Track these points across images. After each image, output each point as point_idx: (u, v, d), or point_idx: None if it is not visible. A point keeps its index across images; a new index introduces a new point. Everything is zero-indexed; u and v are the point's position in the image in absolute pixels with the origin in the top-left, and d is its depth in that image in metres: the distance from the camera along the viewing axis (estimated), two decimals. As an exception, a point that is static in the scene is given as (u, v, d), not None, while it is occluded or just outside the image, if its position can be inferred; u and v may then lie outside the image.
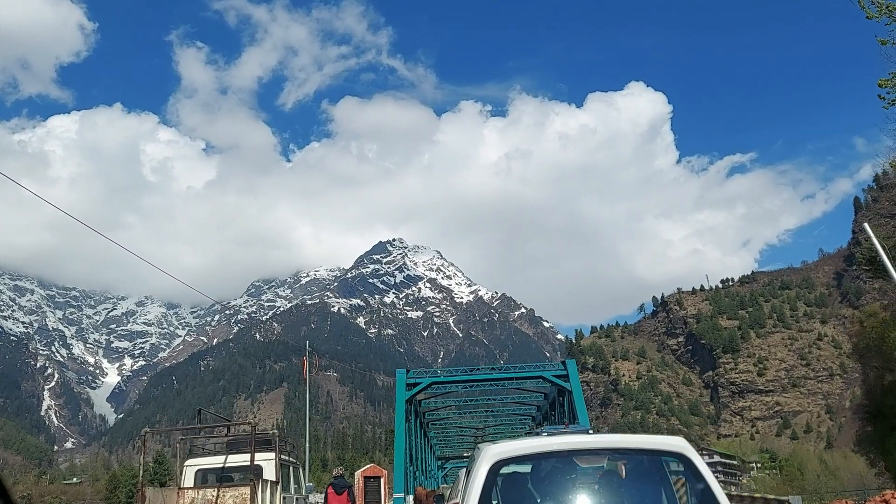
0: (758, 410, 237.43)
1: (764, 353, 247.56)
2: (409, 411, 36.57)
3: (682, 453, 5.41)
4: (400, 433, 32.57)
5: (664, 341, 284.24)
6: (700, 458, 5.47)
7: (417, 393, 35.23)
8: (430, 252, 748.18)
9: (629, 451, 5.68)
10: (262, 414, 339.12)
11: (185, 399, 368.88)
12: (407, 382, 34.63)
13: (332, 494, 17.00)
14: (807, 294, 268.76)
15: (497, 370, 38.38)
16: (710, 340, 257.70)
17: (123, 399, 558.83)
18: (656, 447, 5.64)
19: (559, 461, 5.52)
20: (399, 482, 30.16)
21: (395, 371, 36.52)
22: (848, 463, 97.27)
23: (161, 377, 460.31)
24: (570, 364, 35.48)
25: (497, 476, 5.27)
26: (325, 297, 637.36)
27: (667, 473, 5.56)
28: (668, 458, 5.55)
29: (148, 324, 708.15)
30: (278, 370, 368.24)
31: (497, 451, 5.33)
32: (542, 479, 5.45)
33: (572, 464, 5.44)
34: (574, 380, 33.95)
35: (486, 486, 5.13)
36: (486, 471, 5.23)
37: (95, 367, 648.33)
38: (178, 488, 17.58)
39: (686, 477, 5.32)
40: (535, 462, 5.51)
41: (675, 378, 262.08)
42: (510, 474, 5.52)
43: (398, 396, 34.46)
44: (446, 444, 61.70)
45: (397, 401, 34.34)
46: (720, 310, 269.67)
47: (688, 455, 5.38)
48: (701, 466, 5.33)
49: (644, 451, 5.68)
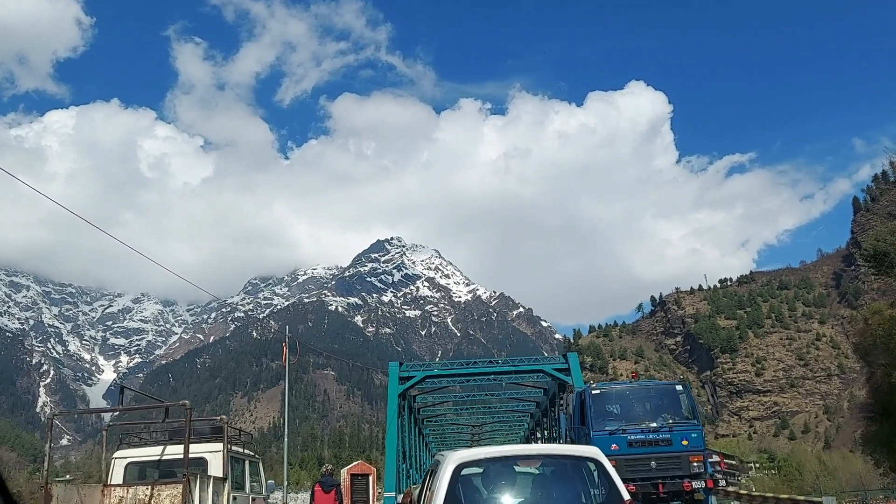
0: (756, 410, 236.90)
1: (762, 353, 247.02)
2: (402, 406, 35.35)
3: (596, 458, 7.16)
4: (392, 429, 31.34)
5: (662, 341, 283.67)
6: (610, 463, 7.20)
7: (411, 387, 33.83)
8: (428, 251, 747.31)
9: (556, 456, 7.54)
10: (259, 412, 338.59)
11: (180, 396, 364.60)
12: (400, 376, 33.16)
13: (320, 493, 16.26)
14: (805, 294, 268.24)
15: (495, 363, 36.82)
16: (708, 340, 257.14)
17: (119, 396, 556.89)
18: (577, 454, 7.50)
19: (503, 465, 7.21)
20: (391, 481, 28.83)
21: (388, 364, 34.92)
22: (847, 463, 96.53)
23: (157, 374, 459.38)
24: (572, 357, 33.97)
25: (458, 476, 6.90)
26: (322, 295, 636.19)
27: (585, 475, 7.21)
28: (587, 462, 7.26)
29: (144, 321, 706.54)
30: (275, 368, 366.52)
31: (458, 456, 7.08)
32: (491, 479, 7.08)
33: (511, 467, 7.17)
34: (576, 374, 32.42)
35: (451, 485, 6.81)
36: (451, 472, 6.88)
37: (91, 363, 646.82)
38: (102, 485, 14.39)
39: (599, 477, 7.03)
40: (485, 465, 7.16)
41: (673, 378, 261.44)
42: (466, 476, 7.08)
43: (390, 390, 32.94)
44: (443, 442, 59.73)
45: (389, 395, 32.83)
46: (718, 309, 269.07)
47: (600, 460, 7.13)
48: (610, 469, 7.05)
49: (568, 457, 7.50)
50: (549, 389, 40.45)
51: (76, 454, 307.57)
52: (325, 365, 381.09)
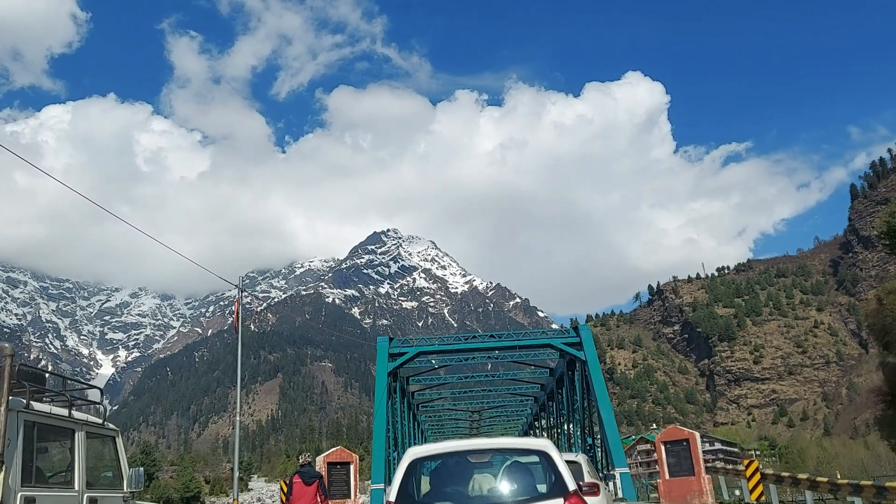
0: (754, 398, 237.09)
1: (760, 341, 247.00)
2: (393, 388, 32.25)
3: (544, 451, 7.45)
4: (381, 413, 27.58)
5: (660, 329, 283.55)
6: (558, 454, 7.43)
7: (402, 364, 30.45)
8: (424, 242, 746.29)
9: (506, 450, 7.71)
10: (258, 404, 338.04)
11: (179, 390, 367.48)
12: (390, 352, 29.83)
13: (300, 486, 14.31)
14: (803, 282, 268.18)
15: (496, 338, 32.76)
16: (705, 329, 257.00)
17: (118, 391, 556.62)
18: (526, 447, 7.73)
19: (458, 458, 7.57)
20: (379, 470, 25.33)
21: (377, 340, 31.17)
22: (848, 450, 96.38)
23: (155, 369, 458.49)
24: (584, 330, 30.00)
25: (413, 470, 7.39)
26: (319, 287, 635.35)
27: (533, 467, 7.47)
28: (535, 454, 7.46)
29: (142, 315, 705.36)
30: (273, 361, 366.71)
31: (413, 451, 7.58)
32: (447, 471, 7.53)
33: (466, 460, 7.54)
34: (589, 348, 28.98)
35: (404, 477, 7.30)
36: (405, 466, 7.38)
37: (89, 358, 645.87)
38: None
39: (544, 467, 7.34)
40: (441, 459, 7.63)
41: (671, 366, 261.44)
42: (422, 468, 7.56)
43: (379, 368, 29.39)
44: (440, 432, 56.92)
45: (378, 373, 29.22)
46: (716, 298, 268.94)
47: (548, 451, 7.40)
48: (557, 461, 7.30)
49: (517, 451, 7.68)
50: (557, 369, 36.87)
51: None
52: (322, 357, 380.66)
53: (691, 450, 23.79)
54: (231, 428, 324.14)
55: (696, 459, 23.64)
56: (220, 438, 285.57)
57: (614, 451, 24.90)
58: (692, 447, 23.86)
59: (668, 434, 25.10)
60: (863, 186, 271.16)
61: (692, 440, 24.14)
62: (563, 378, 34.33)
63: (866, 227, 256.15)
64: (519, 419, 54.67)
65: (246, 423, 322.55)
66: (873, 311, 31.64)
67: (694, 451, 23.79)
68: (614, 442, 25.54)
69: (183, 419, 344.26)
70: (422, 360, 33.92)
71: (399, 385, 33.65)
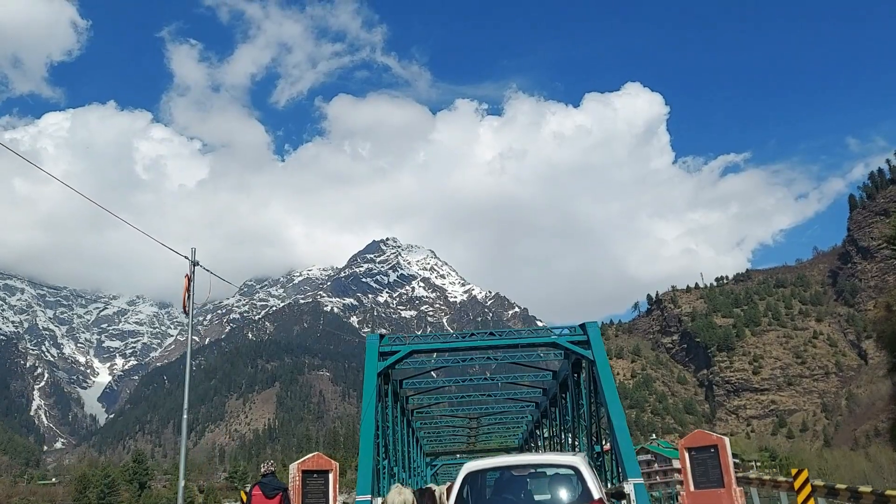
0: (753, 409, 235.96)
1: (759, 352, 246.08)
2: (384, 391, 29.61)
3: (575, 466, 9.19)
4: (369, 417, 25.11)
5: (658, 339, 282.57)
6: (587, 468, 9.22)
7: (394, 364, 27.96)
8: (423, 251, 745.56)
9: (545, 465, 9.67)
10: (254, 413, 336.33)
11: (176, 399, 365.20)
12: (380, 351, 27.32)
13: (259, 498, 12.26)
14: (802, 292, 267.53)
15: (497, 336, 30.12)
16: (704, 339, 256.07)
17: (115, 399, 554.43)
18: (560, 462, 9.54)
19: (505, 472, 9.56)
20: (365, 480, 22.84)
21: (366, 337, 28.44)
22: (849, 461, 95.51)
23: (152, 377, 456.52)
24: (592, 327, 27.36)
25: (467, 481, 9.35)
26: (318, 296, 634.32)
27: (566, 479, 9.25)
28: (567, 468, 9.31)
29: (140, 323, 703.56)
30: (270, 370, 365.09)
31: (468, 466, 9.50)
32: (495, 482, 9.45)
33: (511, 474, 9.51)
34: (598, 346, 26.59)
35: (460, 488, 9.27)
36: (462, 478, 9.38)
37: (86, 366, 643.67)
38: None
39: (575, 479, 9.06)
40: (491, 473, 9.56)
41: (670, 376, 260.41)
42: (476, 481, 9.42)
43: (367, 369, 26.85)
44: (437, 438, 54.99)
45: (366, 374, 26.69)
46: (715, 308, 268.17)
47: (579, 468, 9.13)
48: (586, 475, 9.04)
49: (554, 465, 9.57)
50: (560, 371, 34.24)
51: (70, 457, 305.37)
52: (320, 366, 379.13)
53: (720, 457, 20.70)
54: (229, 438, 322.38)
55: (726, 469, 20.58)
56: (217, 447, 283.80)
57: (626, 459, 22.50)
58: (721, 454, 20.77)
59: (692, 439, 21.94)
60: (861, 197, 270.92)
61: (721, 446, 21.10)
62: (568, 381, 32.05)
63: (865, 238, 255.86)
64: (519, 427, 52.32)
65: (242, 432, 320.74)
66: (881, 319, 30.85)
67: (723, 460, 20.65)
68: (626, 449, 23.22)
69: (179, 428, 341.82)
70: (416, 363, 32.11)
71: (391, 388, 31.12)
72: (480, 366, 35.19)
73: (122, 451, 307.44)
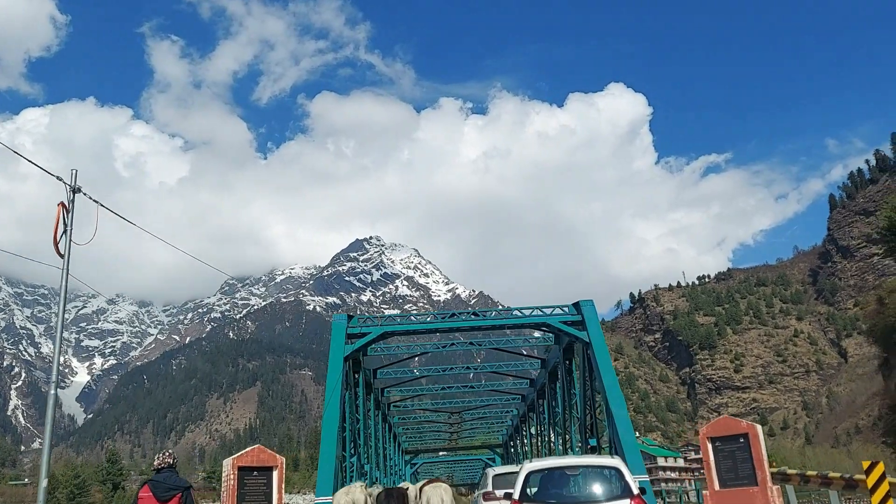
0: (734, 407, 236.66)
1: (740, 350, 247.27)
2: (355, 380, 26.31)
3: (616, 467, 11.36)
4: (333, 408, 21.70)
5: (641, 338, 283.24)
6: (626, 468, 11.42)
7: (364, 347, 24.90)
8: (407, 250, 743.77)
9: (592, 465, 11.83)
10: (235, 413, 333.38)
11: (155, 398, 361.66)
12: (348, 333, 24.17)
13: (149, 501, 9.13)
14: (782, 291, 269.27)
15: (479, 316, 26.58)
16: (686, 337, 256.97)
17: (93, 399, 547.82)
18: (605, 464, 11.70)
19: (559, 470, 11.68)
20: (326, 479, 19.60)
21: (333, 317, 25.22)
22: (831, 459, 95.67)
23: (132, 376, 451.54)
24: (587, 306, 24.67)
25: (528, 478, 11.33)
26: (300, 295, 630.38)
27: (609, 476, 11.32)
28: (610, 468, 11.45)
29: (119, 322, 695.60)
30: (252, 369, 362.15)
31: (529, 466, 11.63)
32: (548, 480, 11.43)
33: (564, 472, 11.60)
34: (594, 327, 23.95)
35: (524, 484, 11.19)
36: (524, 475, 11.34)
37: (64, 366, 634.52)
38: None
39: (617, 479, 11.10)
40: (545, 471, 11.59)
41: (653, 374, 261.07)
42: (534, 478, 11.41)
43: (333, 352, 23.54)
44: (416, 434, 52.33)
45: (331, 358, 23.32)
46: (697, 306, 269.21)
47: (619, 467, 11.30)
48: (626, 473, 11.19)
49: (600, 466, 11.76)
50: (550, 359, 31.30)
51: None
52: (302, 365, 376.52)
53: (752, 449, 16.73)
54: (209, 437, 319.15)
55: (759, 462, 16.62)
56: (197, 448, 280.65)
57: (629, 454, 19.58)
58: (753, 445, 16.77)
59: (717, 427, 17.81)
60: (841, 197, 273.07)
61: (753, 435, 16.99)
62: (559, 369, 29.10)
63: (845, 237, 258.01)
64: (504, 422, 49.65)
65: (223, 432, 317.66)
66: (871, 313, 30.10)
67: (756, 451, 16.71)
68: (628, 443, 20.30)
69: (159, 428, 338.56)
70: (391, 348, 30.05)
71: (363, 377, 28.07)
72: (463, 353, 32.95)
73: (100, 452, 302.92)
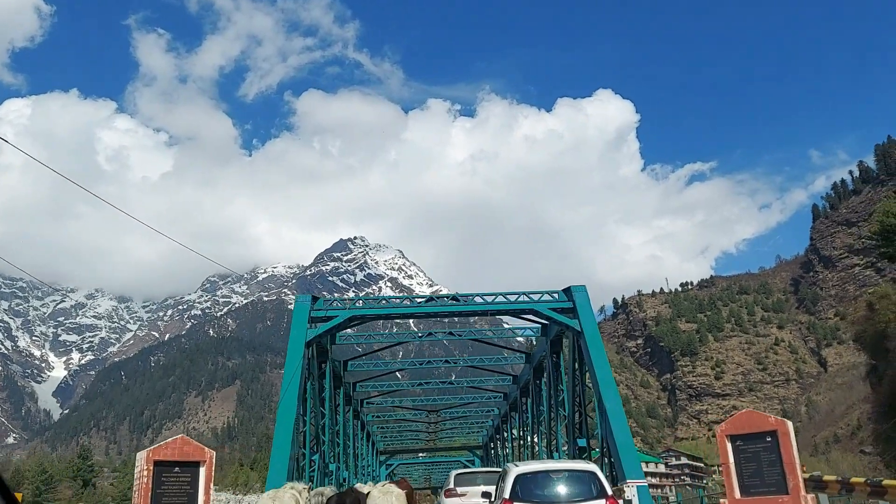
0: (714, 414, 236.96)
1: (721, 357, 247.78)
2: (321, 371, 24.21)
3: (593, 471, 13.04)
4: (291, 397, 19.55)
5: (623, 343, 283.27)
6: (601, 472, 13.18)
7: (329, 332, 22.75)
8: (391, 251, 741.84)
9: (572, 470, 13.34)
10: (214, 411, 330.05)
11: (133, 395, 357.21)
12: (311, 316, 22.11)
13: None
14: (764, 299, 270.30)
15: (460, 301, 24.13)
16: (668, 343, 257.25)
17: (70, 394, 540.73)
18: (583, 468, 13.32)
19: (543, 474, 13.08)
20: (278, 477, 17.33)
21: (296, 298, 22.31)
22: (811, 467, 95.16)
23: (109, 372, 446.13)
24: (579, 292, 22.38)
25: (517, 480, 12.64)
26: (282, 293, 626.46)
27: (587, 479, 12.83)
28: (587, 472, 13.01)
29: (98, 317, 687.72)
30: (231, 367, 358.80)
31: (517, 470, 12.95)
32: (536, 482, 12.81)
33: (548, 475, 13.00)
34: (586, 315, 21.82)
35: (513, 486, 12.47)
36: (513, 478, 12.66)
37: (41, 360, 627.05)
38: None
39: (593, 481, 12.71)
40: (533, 474, 13.01)
41: (633, 380, 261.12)
42: (523, 480, 12.75)
43: (293, 336, 21.40)
44: (393, 433, 50.48)
45: (291, 342, 21.10)
46: (679, 313, 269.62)
47: (595, 472, 12.99)
48: (601, 476, 12.90)
49: (578, 470, 13.27)
50: (535, 354, 29.24)
51: (21, 453, 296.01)
52: (283, 364, 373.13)
53: (781, 449, 14.03)
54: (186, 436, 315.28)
55: (791, 466, 13.91)
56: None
57: (624, 454, 17.88)
58: (783, 445, 14.05)
59: (739, 422, 14.91)
60: (824, 207, 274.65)
61: (783, 432, 14.22)
62: (545, 363, 27.14)
63: (827, 247, 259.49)
64: (485, 422, 48.36)
65: (201, 430, 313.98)
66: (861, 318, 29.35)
67: (786, 453, 14.03)
68: (624, 442, 18.63)
69: (136, 425, 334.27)
70: (363, 338, 28.85)
71: (330, 368, 25.96)
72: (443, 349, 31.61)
73: (75, 448, 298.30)
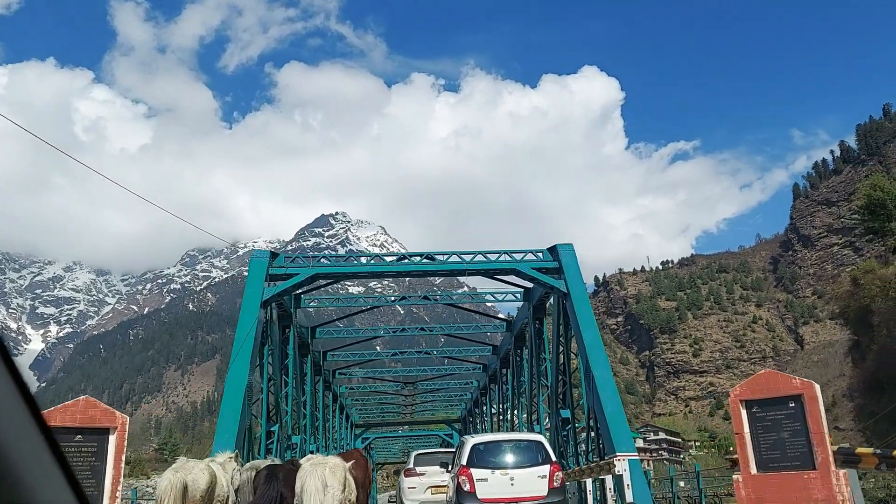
0: (692, 390, 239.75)
1: (700, 335, 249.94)
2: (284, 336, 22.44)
3: (539, 441, 14.42)
4: (243, 361, 17.08)
5: (604, 321, 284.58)
6: (546, 441, 14.59)
7: (290, 292, 20.35)
8: (373, 227, 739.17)
9: (521, 440, 14.63)
10: (193, 385, 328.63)
11: (111, 368, 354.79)
12: (270, 273, 19.49)
13: None
14: (743, 278, 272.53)
15: (435, 260, 21.29)
16: (648, 321, 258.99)
17: (47, 367, 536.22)
18: (530, 438, 14.71)
19: (495, 443, 14.46)
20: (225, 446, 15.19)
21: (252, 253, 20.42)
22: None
23: (88, 345, 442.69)
24: (565, 250, 20.58)
25: (473, 449, 13.90)
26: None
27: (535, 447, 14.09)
28: (535, 442, 14.39)
29: (76, 290, 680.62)
30: (211, 342, 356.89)
31: (472, 440, 14.39)
32: (490, 450, 14.09)
33: (499, 444, 14.34)
34: (573, 275, 20.14)
35: (469, 454, 13.74)
36: (470, 448, 13.93)
37: (18, 332, 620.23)
38: None
39: (539, 449, 14.00)
40: (487, 444, 14.40)
41: (613, 357, 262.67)
42: (479, 449, 14.02)
43: (248, 293, 18.73)
44: (367, 409, 48.96)
45: (245, 300, 18.48)
46: (659, 291, 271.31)
47: (542, 441, 14.37)
48: (546, 445, 14.20)
49: (526, 440, 14.59)
50: (517, 321, 27.22)
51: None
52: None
53: (808, 417, 12.16)
54: (166, 409, 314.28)
55: (819, 437, 12.02)
56: (152, 419, 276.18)
57: (614, 426, 16.34)
58: (810, 411, 12.19)
59: (756, 385, 13.28)
60: (805, 187, 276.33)
61: (809, 397, 12.36)
62: (527, 331, 25.51)
63: (807, 227, 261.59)
64: (463, 395, 46.93)
65: (180, 404, 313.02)
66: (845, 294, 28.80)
67: (813, 421, 12.14)
68: (614, 412, 16.86)
69: (114, 398, 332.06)
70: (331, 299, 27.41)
71: (294, 334, 23.73)
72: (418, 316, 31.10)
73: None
